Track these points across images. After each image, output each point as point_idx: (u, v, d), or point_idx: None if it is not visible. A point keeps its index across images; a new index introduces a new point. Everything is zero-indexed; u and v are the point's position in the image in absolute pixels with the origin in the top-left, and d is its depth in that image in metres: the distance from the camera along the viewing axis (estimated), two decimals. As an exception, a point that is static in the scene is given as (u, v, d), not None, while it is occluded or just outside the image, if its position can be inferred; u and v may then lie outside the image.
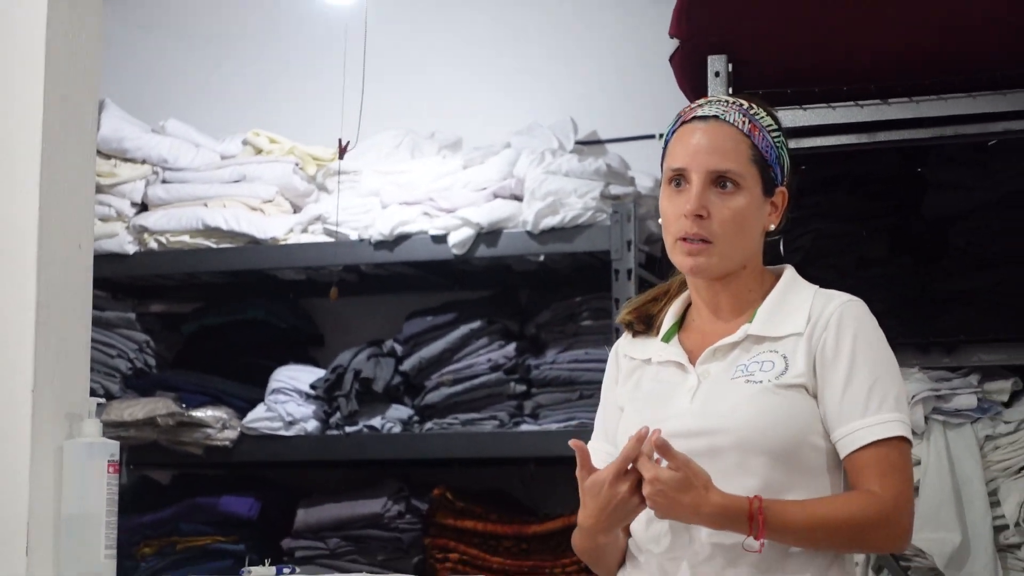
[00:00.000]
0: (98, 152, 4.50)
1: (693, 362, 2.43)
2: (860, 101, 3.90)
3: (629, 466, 2.28)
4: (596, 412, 2.62)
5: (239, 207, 4.82)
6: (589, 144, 4.76)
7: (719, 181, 2.41)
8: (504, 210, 4.56)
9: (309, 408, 4.72)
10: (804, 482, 2.36)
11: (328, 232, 4.74)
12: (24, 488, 2.97)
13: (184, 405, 4.67)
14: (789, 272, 2.50)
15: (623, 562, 2.47)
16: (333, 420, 4.69)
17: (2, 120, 3.11)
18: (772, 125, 2.48)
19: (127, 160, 4.93)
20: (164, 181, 4.94)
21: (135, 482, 4.98)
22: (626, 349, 2.55)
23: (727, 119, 2.44)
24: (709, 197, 2.39)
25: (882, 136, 3.95)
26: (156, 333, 5.04)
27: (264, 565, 3.04)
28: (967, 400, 3.82)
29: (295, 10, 5.49)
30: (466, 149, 4.86)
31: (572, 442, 2.32)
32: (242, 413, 4.75)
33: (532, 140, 4.74)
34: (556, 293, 4.73)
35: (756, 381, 2.36)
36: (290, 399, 4.75)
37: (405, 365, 4.67)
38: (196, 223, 4.80)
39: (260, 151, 4.99)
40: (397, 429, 4.60)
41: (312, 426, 4.70)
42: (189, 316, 5.19)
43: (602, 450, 2.50)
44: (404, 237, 4.63)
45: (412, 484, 4.66)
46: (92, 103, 3.29)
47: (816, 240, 4.04)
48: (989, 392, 3.85)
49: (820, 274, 2.58)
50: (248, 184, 4.88)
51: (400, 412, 4.63)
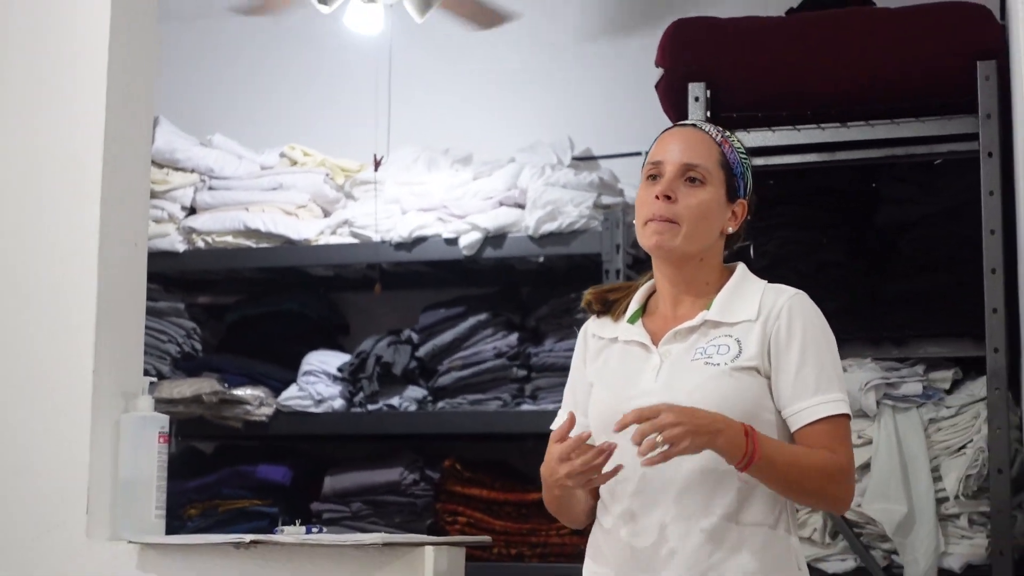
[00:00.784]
0: (153, 162, 4.52)
1: (655, 343, 2.43)
2: (822, 124, 3.90)
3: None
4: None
5: (276, 212, 4.82)
6: (584, 160, 4.76)
7: (689, 175, 2.41)
8: (509, 217, 4.56)
9: (336, 388, 4.73)
10: None
11: (354, 234, 4.74)
12: (85, 456, 2.97)
13: (226, 385, 4.67)
14: (741, 268, 2.49)
15: (593, 512, 2.46)
16: (357, 399, 4.69)
17: (69, 135, 3.11)
18: (740, 148, 2.49)
19: (178, 169, 4.94)
20: (210, 188, 4.94)
21: (183, 452, 4.98)
22: (594, 329, 2.53)
23: (703, 128, 2.47)
24: (679, 185, 2.40)
25: (841, 155, 3.95)
26: (202, 322, 5.04)
27: (295, 525, 3.03)
28: (913, 387, 3.82)
29: (328, 40, 5.48)
30: (476, 163, 4.86)
31: (569, 416, 2.31)
32: (277, 392, 4.76)
33: (534, 156, 4.74)
34: (554, 290, 4.73)
35: (715, 364, 2.36)
36: (319, 380, 4.75)
37: (420, 351, 4.68)
38: (238, 225, 4.80)
39: (295, 163, 4.99)
40: (413, 407, 4.61)
41: (338, 404, 4.70)
42: (231, 307, 5.19)
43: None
44: (421, 239, 4.64)
45: (425, 456, 4.66)
46: (148, 120, 3.30)
47: (781, 246, 4.04)
48: (933, 380, 3.85)
49: (785, 276, 2.56)
50: (284, 191, 4.88)
51: (416, 392, 4.63)
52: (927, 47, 3.78)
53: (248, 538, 2.79)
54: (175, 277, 4.98)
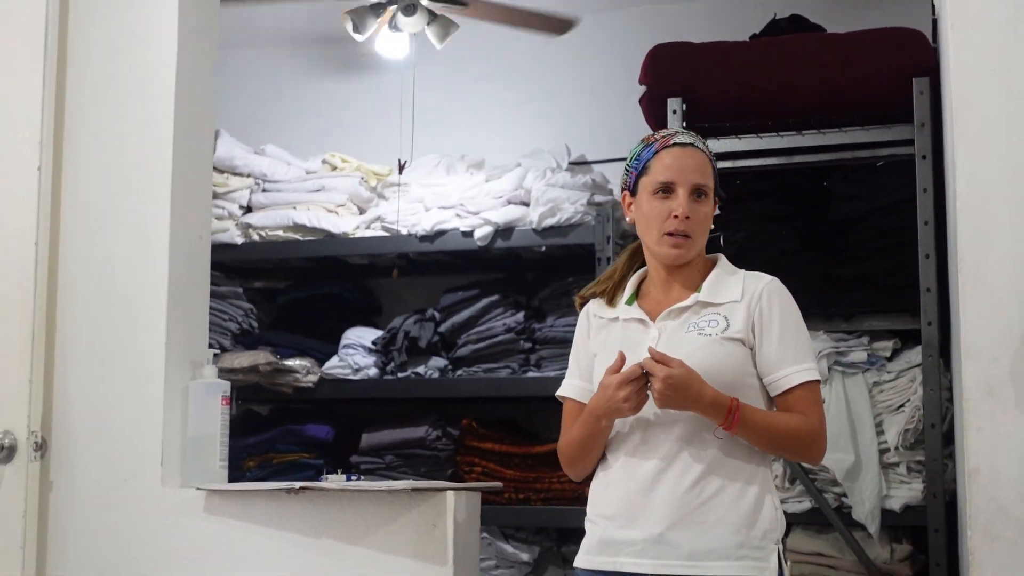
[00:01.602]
0: (214, 168, 4.52)
1: (652, 320, 2.44)
2: (781, 132, 3.91)
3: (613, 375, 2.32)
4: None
5: (319, 210, 4.82)
6: (579, 164, 4.75)
7: (696, 192, 2.42)
8: (516, 213, 4.56)
9: (371, 359, 4.73)
10: None
11: (385, 228, 4.75)
12: (159, 416, 2.99)
13: (278, 356, 4.68)
14: (723, 258, 2.52)
15: (596, 467, 2.47)
16: (388, 368, 4.70)
17: (142, 146, 3.12)
18: (713, 155, 2.51)
19: (236, 174, 4.94)
20: (264, 190, 4.94)
21: (242, 414, 4.99)
22: (595, 311, 2.54)
23: (699, 146, 2.47)
24: (690, 203, 2.41)
25: (797, 159, 3.96)
26: (257, 303, 5.05)
27: (337, 474, 3.05)
28: (859, 355, 3.83)
29: (361, 64, 5.50)
30: (487, 167, 4.86)
31: (631, 368, 2.31)
32: (321, 362, 4.76)
33: (536, 161, 4.73)
34: (554, 275, 4.74)
35: (707, 335, 2.38)
36: (357, 352, 4.76)
37: (442, 327, 4.68)
38: (287, 221, 4.80)
39: (335, 168, 4.99)
40: (436, 375, 4.62)
41: (373, 372, 4.71)
42: (282, 291, 5.20)
43: (577, 385, 2.51)
44: (441, 233, 4.63)
45: (447, 416, 4.66)
46: (210, 132, 3.31)
47: (747, 237, 4.04)
48: (876, 349, 3.86)
49: (750, 262, 2.57)
50: (326, 193, 4.88)
51: (438, 362, 4.64)
52: (870, 66, 3.78)
53: (297, 485, 2.81)
54: (234, 266, 4.98)
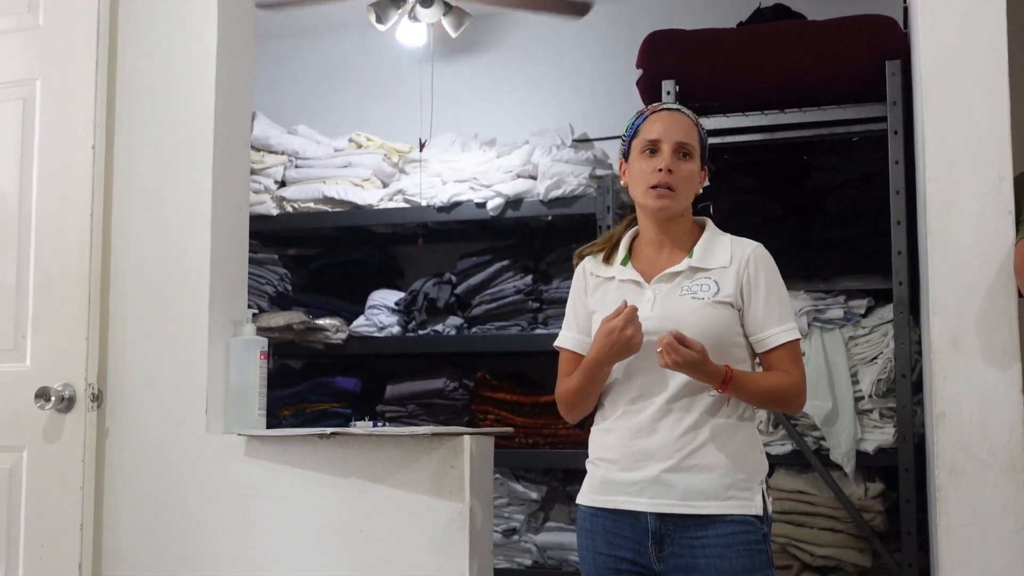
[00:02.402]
0: (251, 147, 4.52)
1: (647, 282, 2.42)
2: (765, 111, 3.88)
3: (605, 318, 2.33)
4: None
5: (347, 184, 4.81)
6: (582, 141, 4.72)
7: (681, 151, 2.39)
8: (524, 186, 4.54)
9: (394, 318, 4.73)
10: (732, 365, 2.35)
11: (406, 201, 4.73)
12: (204, 369, 2.99)
13: (311, 316, 4.68)
14: (710, 223, 2.49)
15: (594, 413, 2.47)
16: (410, 326, 4.70)
17: (187, 127, 3.11)
18: (703, 127, 2.48)
19: (271, 152, 4.92)
20: (296, 166, 4.93)
21: (278, 367, 5.01)
22: (591, 268, 2.51)
23: (685, 112, 2.45)
24: (674, 159, 2.38)
25: (780, 135, 3.93)
26: (291, 268, 5.05)
27: (365, 421, 3.05)
28: (836, 312, 3.82)
29: (383, 51, 5.47)
30: (499, 145, 4.84)
31: (629, 308, 2.30)
32: (349, 321, 4.77)
33: (543, 139, 4.71)
34: (559, 242, 4.72)
35: (699, 299, 2.36)
36: (381, 312, 4.76)
37: (458, 289, 4.67)
38: (318, 194, 4.79)
39: (360, 146, 4.97)
40: (453, 332, 4.62)
41: (396, 330, 4.71)
42: (313, 258, 5.19)
43: (574, 337, 2.49)
44: (457, 204, 4.62)
45: (463, 369, 4.67)
46: (247, 115, 3.29)
47: (734, 206, 4.03)
48: (852, 307, 3.84)
49: (736, 229, 2.55)
50: (352, 168, 4.86)
51: (455, 321, 4.64)
52: (846, 50, 3.75)
53: (329, 431, 2.81)
54: (270, 235, 4.98)
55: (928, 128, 2.73)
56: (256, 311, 3.47)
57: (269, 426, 3.04)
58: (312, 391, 4.78)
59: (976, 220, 2.65)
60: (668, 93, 3.86)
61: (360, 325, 4.74)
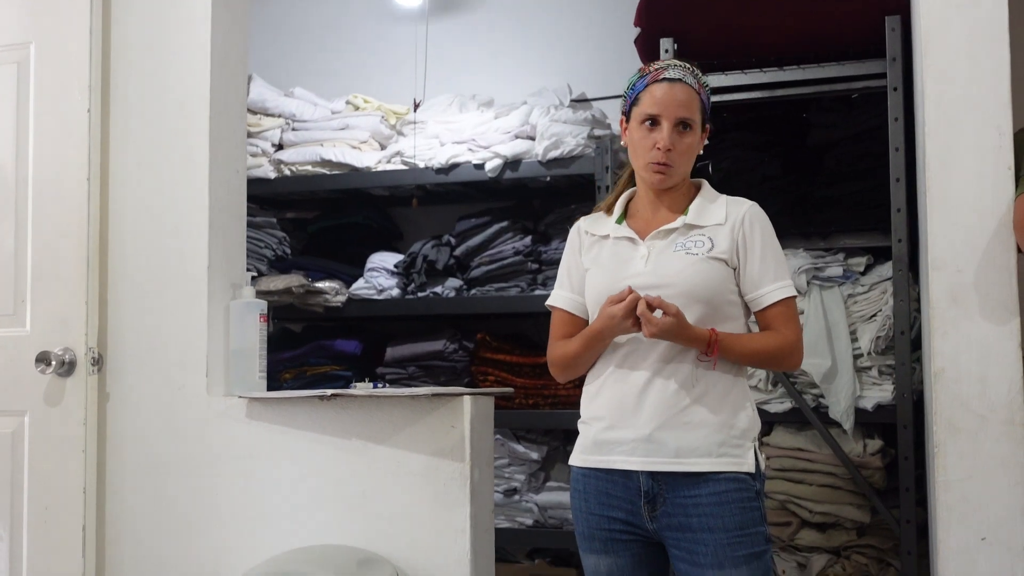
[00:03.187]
0: (248, 110, 4.50)
1: (642, 239, 2.42)
2: (764, 68, 3.86)
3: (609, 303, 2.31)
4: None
5: (344, 146, 4.79)
6: (580, 101, 4.70)
7: (680, 124, 2.39)
8: (523, 147, 4.52)
9: (393, 281, 4.73)
10: (725, 322, 2.36)
11: (404, 162, 4.71)
12: (204, 332, 3.00)
13: (310, 279, 4.67)
14: (706, 184, 2.49)
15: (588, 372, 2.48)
16: (409, 288, 4.69)
17: (183, 89, 3.10)
18: (707, 84, 2.47)
19: (268, 115, 4.90)
20: (293, 129, 4.91)
21: (278, 331, 5.01)
22: (586, 227, 2.52)
23: (687, 81, 2.41)
24: (674, 135, 2.38)
25: (779, 92, 3.92)
26: (290, 232, 5.04)
27: (365, 382, 3.06)
28: (836, 270, 3.82)
29: (379, 12, 5.44)
30: (496, 105, 4.81)
31: (631, 299, 2.29)
32: (348, 284, 4.76)
33: (541, 99, 4.69)
34: (558, 202, 4.71)
35: (693, 254, 2.36)
36: (380, 275, 4.75)
37: (457, 251, 4.66)
38: (315, 157, 4.77)
39: (357, 108, 4.95)
40: (452, 294, 4.61)
41: (395, 292, 4.70)
42: (312, 221, 5.18)
43: (568, 297, 2.50)
44: (455, 165, 4.60)
45: (463, 331, 4.67)
46: (243, 77, 3.28)
47: (733, 164, 4.01)
48: (851, 265, 3.84)
49: (735, 187, 2.56)
50: (350, 131, 4.84)
51: (454, 282, 4.63)
52: (846, 6, 3.73)
53: (329, 392, 2.82)
54: (268, 198, 4.96)
55: (928, 84, 2.72)
56: (255, 274, 3.47)
57: (270, 389, 3.05)
58: (312, 354, 4.78)
59: (976, 176, 2.65)
60: (666, 51, 3.84)
61: (359, 288, 4.74)
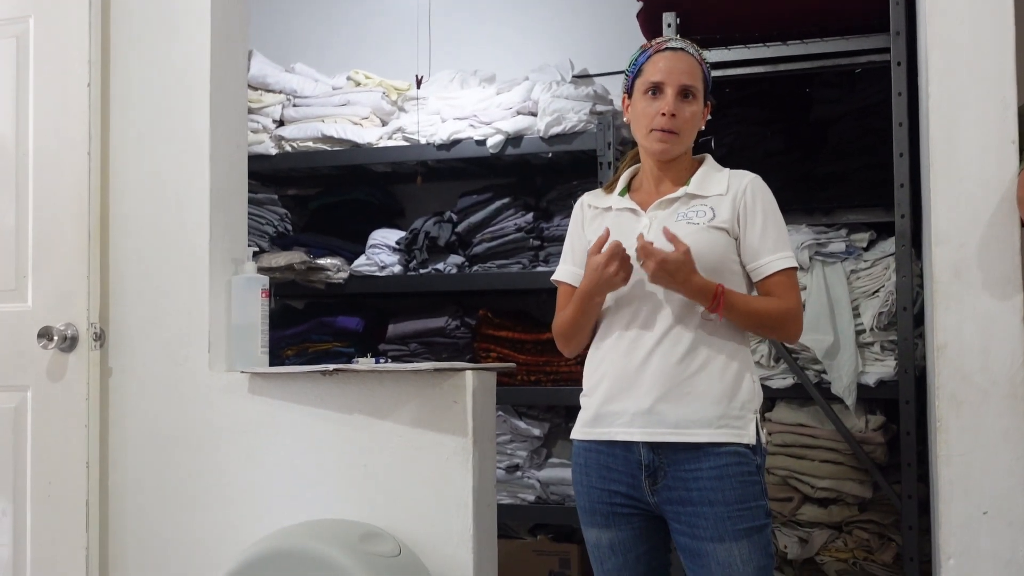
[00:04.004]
0: (249, 86, 4.48)
1: (644, 211, 2.42)
2: (767, 43, 3.84)
3: (601, 249, 2.31)
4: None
5: (345, 122, 4.78)
6: (582, 77, 4.68)
7: (684, 93, 2.39)
8: (524, 123, 4.51)
9: (395, 257, 4.73)
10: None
11: (406, 139, 4.70)
12: (206, 307, 3.00)
13: (312, 256, 4.67)
14: (709, 158, 2.51)
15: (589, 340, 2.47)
16: (411, 265, 4.69)
17: (184, 65, 3.09)
18: (707, 62, 2.47)
19: (269, 91, 4.89)
20: (295, 105, 4.90)
21: (280, 308, 5.01)
22: (589, 201, 2.54)
23: (690, 51, 2.43)
24: (677, 102, 2.38)
25: (782, 67, 3.90)
26: (291, 208, 5.03)
27: (367, 358, 3.06)
28: (838, 246, 3.81)
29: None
30: (498, 82, 4.80)
31: (612, 243, 2.29)
32: (350, 261, 4.76)
33: (543, 75, 4.67)
34: (560, 179, 4.71)
35: (695, 223, 2.37)
36: (382, 251, 4.75)
37: (459, 228, 4.66)
38: (317, 133, 4.76)
39: (359, 84, 4.94)
40: (454, 271, 4.61)
41: (397, 269, 4.70)
42: (313, 197, 5.18)
43: (571, 271, 2.51)
44: (457, 142, 4.59)
45: (464, 307, 4.67)
46: (243, 53, 3.27)
47: (736, 139, 4.00)
48: (853, 241, 3.84)
49: (738, 163, 2.55)
50: (351, 107, 4.83)
51: (456, 259, 4.63)
52: (849, -20, 3.71)
53: (331, 367, 2.82)
54: (269, 175, 4.96)
55: (932, 58, 2.71)
56: (257, 251, 3.47)
57: (272, 366, 3.05)
58: (314, 331, 4.78)
59: (979, 150, 2.64)
60: (669, 26, 3.83)
61: (361, 264, 4.73)
